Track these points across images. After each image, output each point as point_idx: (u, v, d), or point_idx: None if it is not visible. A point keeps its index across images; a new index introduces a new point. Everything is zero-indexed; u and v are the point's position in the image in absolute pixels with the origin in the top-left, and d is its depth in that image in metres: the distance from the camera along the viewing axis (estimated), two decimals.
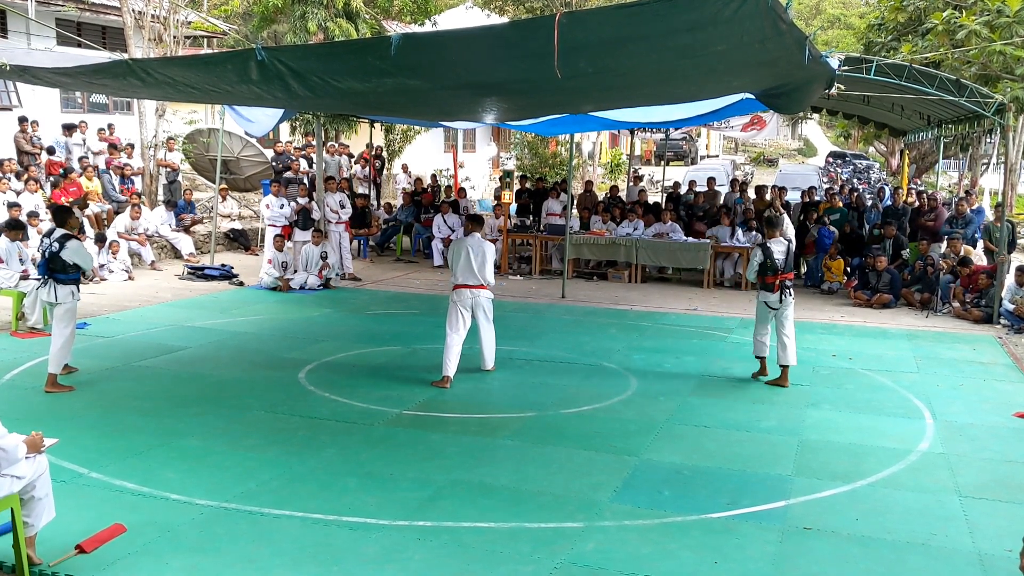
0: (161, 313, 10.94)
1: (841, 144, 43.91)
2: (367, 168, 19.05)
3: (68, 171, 14.75)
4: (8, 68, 7.65)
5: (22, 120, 16.01)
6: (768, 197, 15.72)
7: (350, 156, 19.27)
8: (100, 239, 13.17)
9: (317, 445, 6.36)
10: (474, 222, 8.48)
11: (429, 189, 18.49)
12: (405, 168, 21.89)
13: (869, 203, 16.49)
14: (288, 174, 16.52)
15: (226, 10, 22.42)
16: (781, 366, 8.23)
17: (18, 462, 4.19)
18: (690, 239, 14.47)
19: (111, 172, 15.86)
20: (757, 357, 8.51)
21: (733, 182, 21.39)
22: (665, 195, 17.79)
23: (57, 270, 7.47)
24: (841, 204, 15.38)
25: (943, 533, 5.13)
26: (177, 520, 5.03)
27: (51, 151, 15.87)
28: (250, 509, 5.21)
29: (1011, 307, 11.31)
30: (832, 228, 14.43)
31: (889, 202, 15.89)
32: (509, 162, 29.62)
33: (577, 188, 19.13)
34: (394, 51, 5.62)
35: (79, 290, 7.70)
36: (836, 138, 46.56)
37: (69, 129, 16.39)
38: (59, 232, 7.54)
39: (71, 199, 13.86)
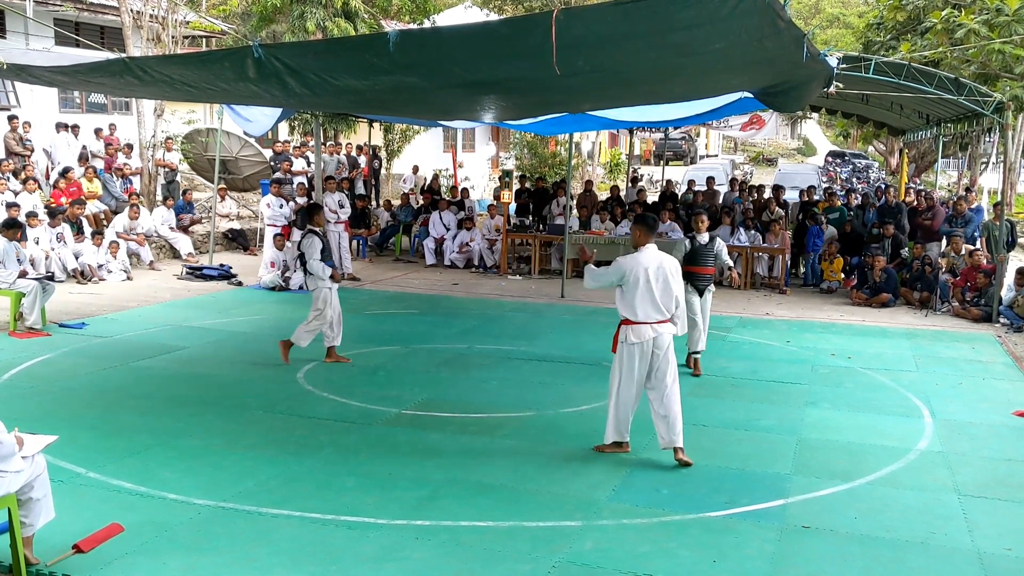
0: (159, 313, 10.92)
1: (840, 143, 43.94)
2: (366, 157, 19.11)
3: (66, 170, 14.73)
4: (5, 67, 7.64)
5: (12, 119, 15.84)
6: (766, 197, 15.74)
7: (351, 157, 19.23)
8: (94, 235, 13.20)
9: (315, 444, 6.35)
10: (646, 229, 6.24)
11: (428, 189, 18.48)
12: (416, 169, 21.84)
13: (858, 202, 16.49)
14: (278, 174, 16.50)
15: (225, 10, 22.39)
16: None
17: (13, 457, 4.18)
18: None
19: (112, 173, 15.84)
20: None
21: (732, 181, 21.39)
22: (660, 195, 17.78)
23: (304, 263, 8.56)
24: (840, 203, 15.40)
25: (942, 532, 5.13)
26: (175, 520, 5.01)
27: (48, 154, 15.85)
28: (248, 508, 5.20)
29: (1007, 300, 11.33)
30: (824, 227, 14.45)
31: (880, 201, 15.89)
32: (508, 162, 29.60)
33: (577, 188, 19.13)
34: (392, 48, 5.62)
35: (325, 278, 8.47)
36: (835, 137, 46.58)
37: (62, 128, 16.34)
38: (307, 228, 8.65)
39: (71, 199, 13.85)
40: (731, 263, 9.10)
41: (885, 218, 14.24)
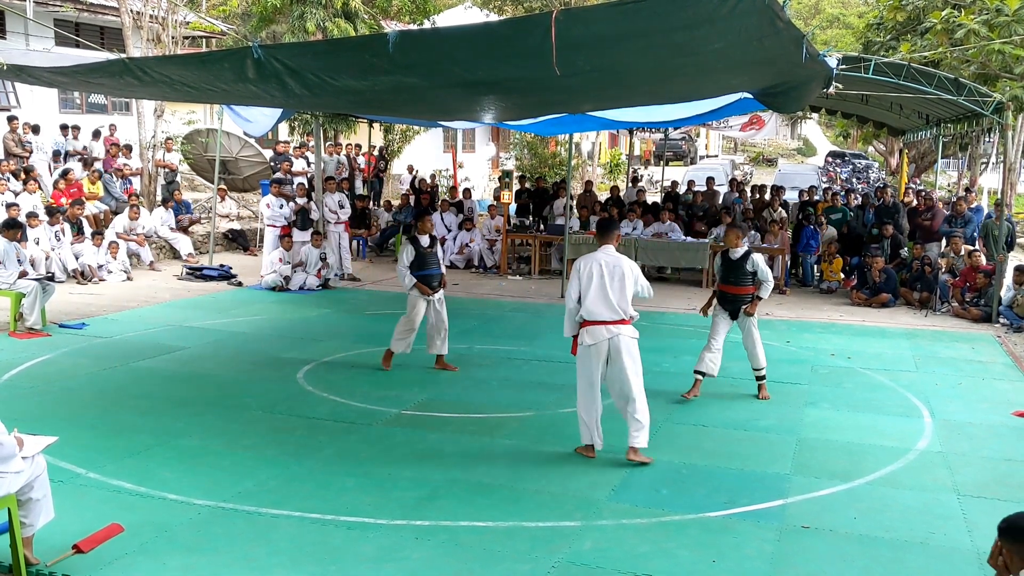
0: (159, 313, 10.93)
1: (840, 143, 43.95)
2: (366, 158, 19.16)
3: (66, 171, 14.73)
4: (6, 68, 7.65)
5: (11, 120, 15.84)
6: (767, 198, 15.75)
7: (351, 157, 19.22)
8: (94, 236, 13.22)
9: (315, 445, 6.35)
10: (602, 232, 6.25)
11: (427, 190, 18.47)
12: (411, 169, 21.89)
13: (858, 202, 16.50)
14: (278, 174, 16.51)
15: (224, 10, 22.39)
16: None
17: (13, 458, 4.19)
18: (689, 239, 14.47)
19: (112, 173, 15.84)
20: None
21: (732, 182, 21.41)
22: (663, 195, 17.78)
23: None
24: (840, 204, 15.42)
25: (942, 532, 5.13)
26: (174, 520, 5.02)
27: (57, 155, 15.85)
28: (248, 509, 5.20)
29: (1006, 300, 11.33)
30: (824, 228, 14.48)
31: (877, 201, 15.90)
32: (508, 162, 29.60)
33: (577, 188, 19.13)
34: (391, 48, 5.62)
35: (406, 285, 8.41)
36: (835, 138, 46.59)
37: (65, 129, 16.36)
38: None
39: (71, 200, 13.86)
40: (768, 279, 7.59)
41: (883, 218, 14.25)
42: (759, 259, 7.61)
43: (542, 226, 15.92)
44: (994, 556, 2.99)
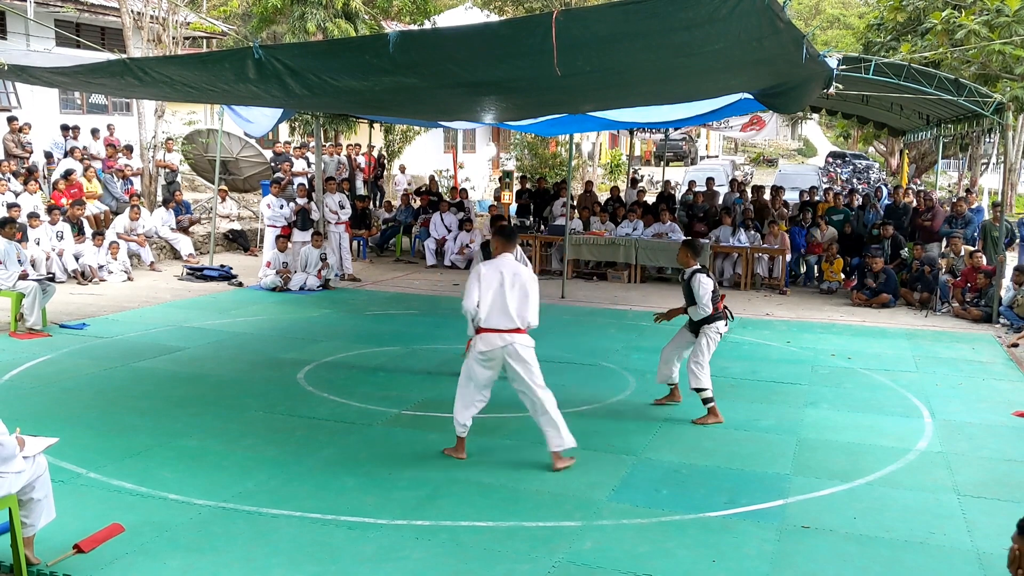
0: (160, 314, 10.94)
1: (841, 144, 43.97)
2: (367, 160, 19.18)
3: (69, 172, 14.74)
4: (7, 68, 7.66)
5: (11, 120, 15.83)
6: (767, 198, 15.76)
7: (351, 158, 19.23)
8: (95, 236, 13.23)
9: (315, 445, 6.36)
10: (506, 239, 6.17)
11: (425, 191, 18.47)
12: (403, 169, 21.88)
13: (860, 202, 16.52)
14: (278, 174, 16.53)
15: (225, 11, 22.40)
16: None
17: (14, 458, 4.19)
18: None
19: (112, 174, 15.85)
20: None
21: (732, 182, 21.43)
22: (657, 196, 17.78)
23: None
24: (843, 204, 15.44)
25: (941, 532, 5.13)
26: (175, 520, 5.02)
27: (49, 156, 15.85)
28: (248, 509, 5.20)
29: (1006, 300, 11.33)
30: (824, 229, 14.51)
31: (889, 201, 15.93)
32: (509, 163, 29.61)
33: (577, 189, 19.14)
34: (392, 48, 5.64)
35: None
36: (836, 138, 46.61)
37: (66, 130, 16.38)
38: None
39: (72, 200, 13.87)
40: (705, 307, 6.95)
41: (891, 218, 14.27)
42: (696, 283, 6.93)
43: (542, 226, 15.92)
44: (1012, 563, 2.90)
